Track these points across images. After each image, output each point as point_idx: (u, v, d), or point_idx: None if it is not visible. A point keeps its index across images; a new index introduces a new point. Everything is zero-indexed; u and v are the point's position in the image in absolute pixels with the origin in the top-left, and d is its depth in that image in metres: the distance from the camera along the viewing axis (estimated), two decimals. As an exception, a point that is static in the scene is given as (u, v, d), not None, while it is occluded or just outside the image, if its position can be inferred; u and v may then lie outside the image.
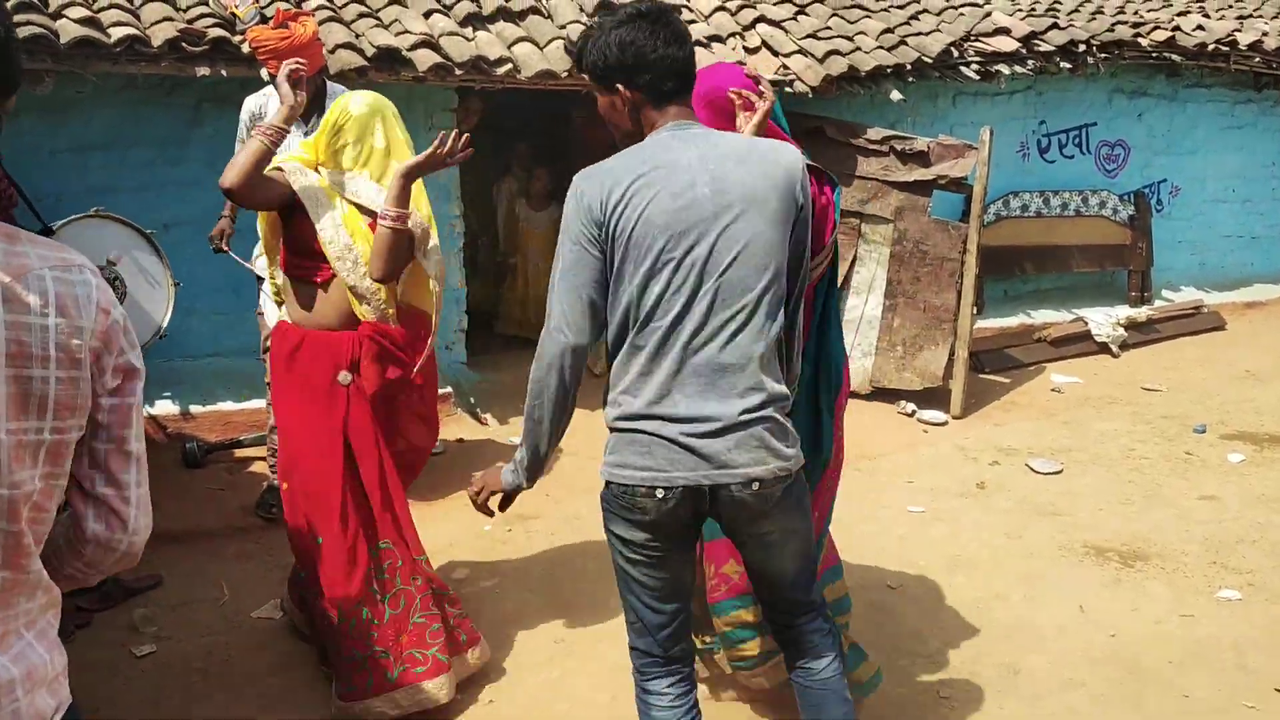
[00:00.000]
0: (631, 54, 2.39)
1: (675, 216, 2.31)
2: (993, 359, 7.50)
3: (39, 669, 1.43)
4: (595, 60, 2.43)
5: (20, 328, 1.35)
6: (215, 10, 5.58)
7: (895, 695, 3.65)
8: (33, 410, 1.37)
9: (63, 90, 5.44)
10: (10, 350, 1.34)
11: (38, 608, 1.45)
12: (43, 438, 1.39)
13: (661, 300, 2.34)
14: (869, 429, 6.33)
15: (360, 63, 5.55)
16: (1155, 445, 6.15)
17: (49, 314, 1.38)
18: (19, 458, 1.36)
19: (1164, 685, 3.73)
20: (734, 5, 7.22)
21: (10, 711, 1.39)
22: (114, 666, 3.69)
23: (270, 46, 4.28)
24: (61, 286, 1.40)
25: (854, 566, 4.57)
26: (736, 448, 2.35)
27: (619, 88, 2.43)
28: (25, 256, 1.38)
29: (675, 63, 2.41)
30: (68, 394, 1.41)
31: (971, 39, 7.55)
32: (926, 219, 6.69)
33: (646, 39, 2.38)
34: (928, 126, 7.74)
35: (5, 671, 1.38)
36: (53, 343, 1.38)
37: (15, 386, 1.35)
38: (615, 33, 2.40)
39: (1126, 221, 8.74)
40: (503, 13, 6.35)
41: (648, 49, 2.38)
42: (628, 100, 2.44)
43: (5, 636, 1.40)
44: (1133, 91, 8.75)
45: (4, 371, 1.34)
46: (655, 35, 2.39)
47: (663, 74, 2.40)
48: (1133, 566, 4.63)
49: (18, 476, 1.36)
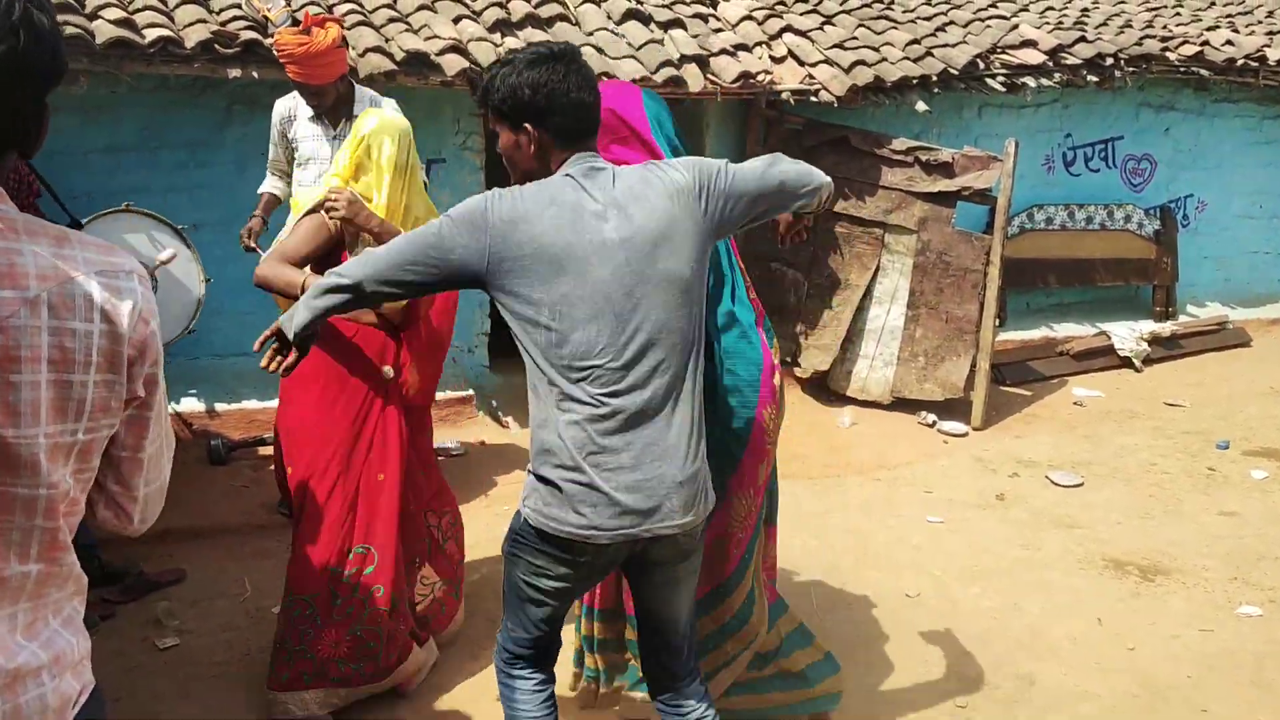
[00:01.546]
0: (544, 96, 2.36)
1: (579, 256, 2.30)
2: (1014, 371, 7.49)
3: (66, 654, 1.46)
4: (504, 98, 2.39)
5: (64, 334, 1.35)
6: (248, 13, 5.65)
7: (911, 704, 3.65)
8: (70, 413, 1.38)
9: (97, 90, 5.52)
10: (52, 356, 1.34)
11: (65, 596, 1.48)
12: (76, 439, 1.40)
13: (587, 345, 2.31)
14: (889, 439, 6.33)
15: (389, 67, 5.60)
16: (1177, 460, 6.12)
17: (93, 320, 1.38)
18: (54, 459, 1.38)
19: (1181, 700, 3.71)
20: (761, 14, 7.25)
21: (37, 695, 1.41)
22: (137, 658, 3.74)
23: (288, 52, 4.36)
24: (107, 292, 1.39)
25: (870, 575, 4.58)
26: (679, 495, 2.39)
27: (527, 127, 2.39)
28: (73, 260, 1.38)
29: (585, 108, 2.40)
30: (103, 398, 1.41)
31: (998, 51, 7.54)
32: (950, 230, 6.69)
33: (559, 82, 2.36)
34: (953, 138, 7.73)
35: (35, 657, 1.40)
36: (95, 348, 1.38)
37: (55, 391, 1.36)
38: (528, 73, 2.36)
39: (1152, 236, 8.70)
40: (531, 19, 6.39)
41: (559, 92, 2.36)
42: (534, 139, 2.40)
43: (34, 624, 1.42)
44: (1160, 105, 8.72)
45: (46, 376, 1.34)
46: (568, 79, 2.37)
47: (572, 118, 2.39)
48: (1152, 581, 4.61)
49: (54, 477, 1.38)
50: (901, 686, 3.75)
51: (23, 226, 1.37)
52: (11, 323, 1.32)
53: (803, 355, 6.92)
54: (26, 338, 1.33)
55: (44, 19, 1.35)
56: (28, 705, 1.40)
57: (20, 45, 1.32)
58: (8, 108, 1.35)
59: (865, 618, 4.22)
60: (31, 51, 1.33)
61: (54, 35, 1.38)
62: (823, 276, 6.98)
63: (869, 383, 6.84)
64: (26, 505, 1.37)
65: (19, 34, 1.32)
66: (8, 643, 1.38)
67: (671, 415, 2.36)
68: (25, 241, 1.36)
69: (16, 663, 1.38)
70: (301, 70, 4.40)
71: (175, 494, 4.54)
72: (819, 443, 6.20)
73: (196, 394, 5.81)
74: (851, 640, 4.04)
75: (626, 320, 2.31)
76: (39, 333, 1.34)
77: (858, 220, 6.88)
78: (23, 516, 1.38)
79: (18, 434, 1.34)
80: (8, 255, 1.33)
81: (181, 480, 5.02)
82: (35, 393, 1.34)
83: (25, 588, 1.40)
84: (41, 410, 1.35)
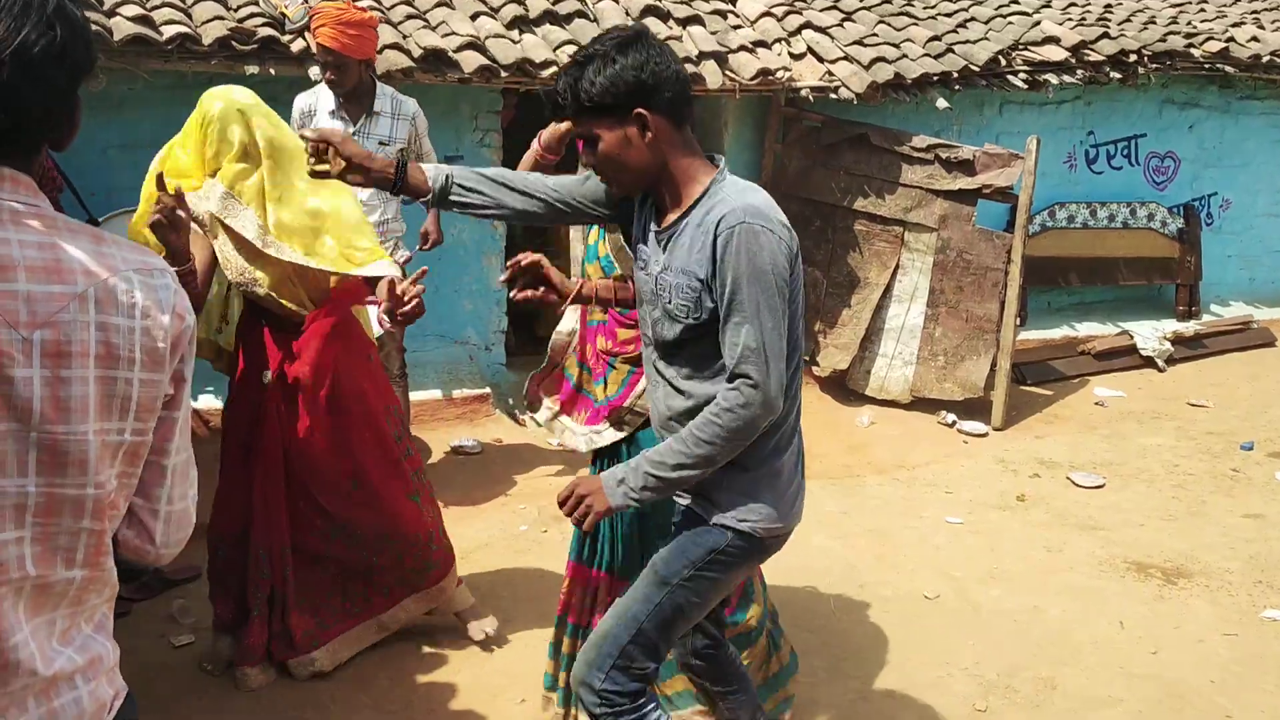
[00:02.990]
0: (650, 74, 2.24)
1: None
2: (1035, 371, 7.42)
3: (101, 659, 1.46)
4: (606, 88, 2.23)
5: (110, 329, 1.36)
6: (265, 10, 5.65)
7: (929, 706, 3.62)
8: (115, 412, 1.38)
9: (115, 87, 5.53)
10: (99, 352, 1.35)
11: (102, 601, 1.47)
12: (124, 439, 1.40)
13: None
14: (908, 439, 6.29)
15: (407, 64, 5.59)
16: (1200, 461, 6.05)
17: (135, 316, 1.38)
18: (102, 458, 1.38)
19: (1205, 704, 3.67)
20: (780, 11, 7.20)
21: (72, 699, 1.41)
22: (152, 655, 3.73)
23: (325, 13, 4.44)
24: (146, 289, 1.40)
25: (890, 576, 4.54)
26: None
27: (641, 113, 2.25)
28: (112, 258, 1.39)
29: (685, 82, 2.32)
30: (148, 396, 1.41)
31: (1020, 48, 7.48)
32: (971, 228, 6.64)
33: (659, 57, 2.26)
34: (974, 135, 7.67)
35: (70, 662, 1.40)
36: (138, 345, 1.38)
37: (102, 388, 1.36)
38: (623, 58, 2.24)
39: (1175, 235, 8.61)
40: (549, 16, 6.37)
41: (663, 65, 2.25)
42: (649, 125, 2.26)
43: (69, 630, 1.42)
44: (1184, 103, 8.63)
45: (94, 372, 1.35)
46: (665, 54, 2.27)
47: (680, 92, 2.30)
48: (1175, 584, 4.56)
49: (101, 477, 1.38)
50: (920, 688, 3.72)
51: (63, 223, 1.39)
52: (61, 318, 1.32)
53: (821, 354, 6.87)
54: (76, 333, 1.33)
55: (75, 11, 1.37)
56: (63, 710, 1.40)
57: (59, 37, 1.33)
58: (45, 99, 1.35)
59: (884, 619, 4.18)
60: (69, 42, 1.34)
61: (85, 27, 1.39)
62: (842, 275, 6.93)
63: (888, 382, 6.79)
64: (75, 507, 1.37)
65: (56, 26, 1.33)
66: (46, 649, 1.38)
67: None
68: (67, 237, 1.37)
69: (55, 669, 1.38)
70: (332, 34, 4.43)
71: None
72: (838, 442, 6.16)
73: (213, 391, 5.81)
74: (869, 641, 4.01)
75: None
76: (87, 328, 1.34)
77: (877, 218, 6.83)
78: (71, 519, 1.37)
79: (67, 430, 1.34)
80: (54, 251, 1.34)
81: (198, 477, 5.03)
82: (84, 389, 1.35)
83: (68, 594, 1.41)
84: (90, 408, 1.35)
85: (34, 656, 1.36)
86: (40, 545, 1.36)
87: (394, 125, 4.68)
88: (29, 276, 1.31)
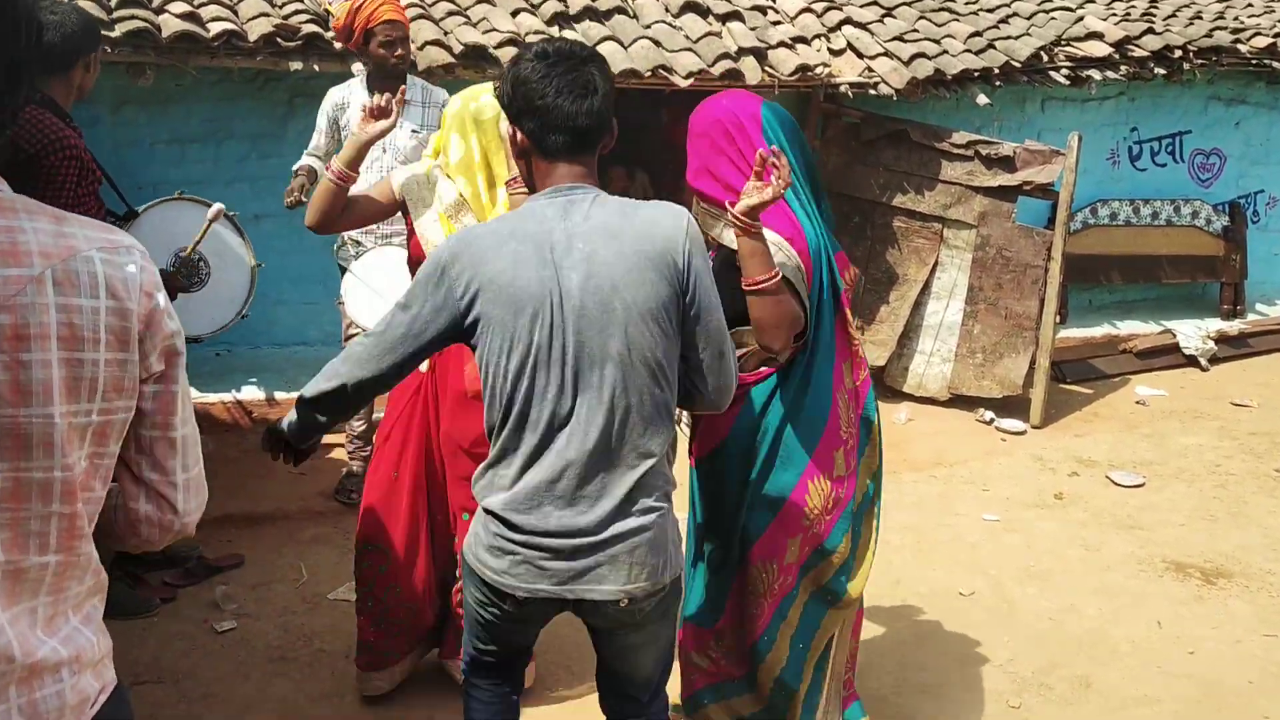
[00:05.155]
0: (521, 95, 2.17)
1: (535, 300, 2.12)
2: (1075, 369, 7.36)
3: (86, 652, 1.45)
4: (500, 91, 2.24)
5: (72, 310, 1.35)
6: (309, 6, 5.73)
7: (964, 702, 3.62)
8: (83, 393, 1.37)
9: (163, 83, 5.63)
10: (62, 334, 1.34)
11: (86, 591, 1.46)
12: (91, 420, 1.39)
13: (532, 395, 2.15)
14: (946, 436, 6.26)
15: (448, 60, 5.65)
16: (1242, 461, 5.98)
17: (99, 296, 1.37)
18: (70, 440, 1.37)
19: (1243, 705, 3.64)
20: (820, 7, 7.18)
21: (55, 691, 1.40)
22: (196, 640, 3.81)
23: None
24: (110, 268, 1.39)
25: (926, 573, 4.54)
26: (608, 563, 2.20)
27: (513, 129, 2.23)
28: (73, 238, 1.38)
29: (565, 117, 2.15)
30: (115, 376, 1.41)
31: (1062, 43, 7.41)
32: (1011, 225, 6.60)
33: (538, 82, 2.14)
34: (1014, 132, 7.62)
35: (55, 653, 1.39)
36: (102, 325, 1.38)
37: (67, 370, 1.35)
38: (515, 68, 2.19)
39: (1220, 232, 8.51)
40: (589, 12, 6.40)
41: (535, 94, 2.14)
42: (520, 145, 2.23)
43: (53, 619, 1.41)
44: (1230, 99, 8.51)
45: (57, 354, 1.34)
46: (547, 80, 2.14)
47: (548, 125, 2.16)
48: (1214, 584, 4.52)
49: (70, 459, 1.37)
50: (954, 684, 3.72)
51: (22, 205, 1.37)
52: (18, 300, 1.32)
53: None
54: (35, 315, 1.32)
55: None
56: (44, 701, 1.39)
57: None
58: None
59: (919, 614, 4.18)
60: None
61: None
62: (880, 271, 6.91)
63: (926, 379, 6.77)
64: (43, 489, 1.36)
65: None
66: (28, 637, 1.37)
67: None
68: (25, 219, 1.36)
69: (36, 657, 1.37)
70: (393, 8, 4.52)
71: (235, 481, 4.67)
72: (874, 439, 6.15)
73: (256, 382, 5.91)
74: (905, 637, 4.01)
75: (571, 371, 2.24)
76: (47, 310, 1.33)
77: (916, 214, 6.80)
78: (39, 502, 1.36)
79: (29, 414, 1.33)
80: (9, 234, 1.33)
81: (241, 467, 5.15)
82: (46, 372, 1.34)
83: (44, 580, 1.39)
84: (55, 390, 1.34)
85: (11, 644, 1.34)
86: (10, 531, 1.34)
87: (425, 114, 4.74)
88: None
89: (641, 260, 2.13)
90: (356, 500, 4.26)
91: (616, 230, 2.15)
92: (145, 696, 3.42)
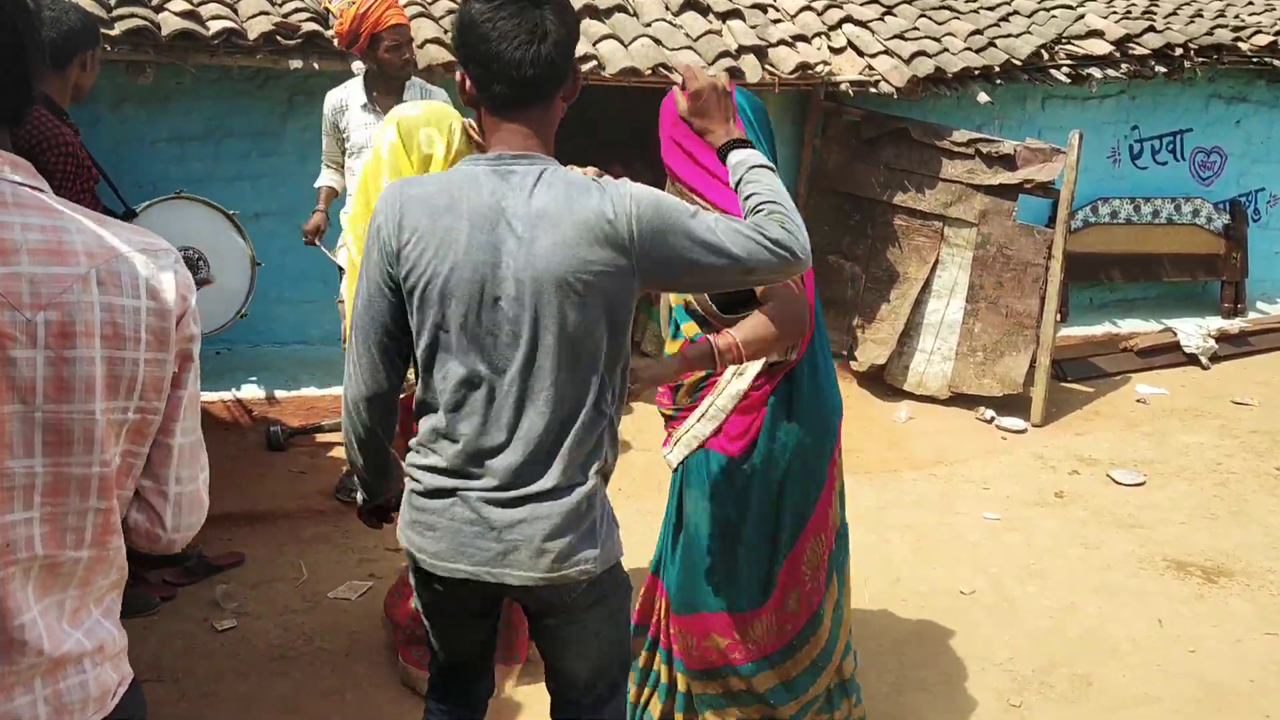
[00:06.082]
0: (465, 39, 1.94)
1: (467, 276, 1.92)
2: (1076, 367, 7.36)
3: (108, 644, 1.47)
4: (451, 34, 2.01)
5: (115, 309, 1.38)
6: (309, 5, 5.72)
7: (964, 701, 3.62)
8: (122, 391, 1.40)
9: (163, 81, 5.62)
10: (105, 332, 1.37)
11: (109, 585, 1.48)
12: (128, 417, 1.42)
13: (448, 377, 1.99)
14: (946, 434, 6.26)
15: (448, 58, 5.63)
16: (1243, 460, 5.98)
17: (140, 296, 1.40)
18: (108, 436, 1.40)
19: (1244, 704, 3.64)
20: (820, 5, 7.17)
21: (78, 682, 1.42)
22: (196, 639, 3.81)
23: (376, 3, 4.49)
24: (149, 269, 1.42)
25: (926, 571, 4.54)
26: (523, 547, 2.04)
27: (462, 75, 2.00)
28: (114, 240, 1.41)
29: (509, 65, 1.91)
30: (154, 376, 1.43)
31: (1063, 41, 7.40)
32: (1011, 223, 6.59)
33: (482, 24, 1.90)
34: (1015, 130, 7.61)
35: (79, 645, 1.42)
36: (143, 325, 1.40)
37: (109, 368, 1.38)
38: (464, 7, 1.95)
39: (1221, 231, 8.50)
40: (588, 10, 6.39)
41: (477, 37, 1.91)
42: (468, 94, 2.01)
43: (78, 612, 1.43)
44: (1231, 97, 8.51)
45: (100, 352, 1.37)
46: (491, 24, 1.90)
47: (490, 73, 1.93)
48: (1215, 583, 4.52)
49: (107, 454, 1.40)
50: (954, 683, 3.72)
51: (65, 207, 1.40)
52: (65, 298, 1.34)
53: (859, 349, 6.86)
54: (80, 314, 1.35)
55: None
56: (69, 691, 1.41)
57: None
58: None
59: (920, 613, 4.18)
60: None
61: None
62: (881, 269, 6.91)
63: (926, 377, 6.76)
64: (81, 485, 1.39)
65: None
66: (55, 630, 1.39)
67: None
68: (70, 220, 1.38)
69: (63, 650, 1.40)
70: (396, 11, 4.52)
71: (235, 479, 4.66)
72: (875, 437, 6.15)
73: (256, 381, 5.90)
74: (905, 635, 4.01)
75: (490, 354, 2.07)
76: (92, 309, 1.36)
77: (917, 213, 6.80)
78: (78, 498, 1.39)
79: (71, 409, 1.36)
80: (56, 233, 1.36)
81: (241, 466, 5.14)
82: (89, 369, 1.36)
83: (76, 574, 1.42)
84: (96, 387, 1.37)
85: (42, 637, 1.37)
86: (49, 525, 1.37)
87: None
88: (32, 259, 1.32)
89: (580, 242, 1.91)
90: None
91: (556, 218, 1.91)
92: (145, 695, 3.40)
